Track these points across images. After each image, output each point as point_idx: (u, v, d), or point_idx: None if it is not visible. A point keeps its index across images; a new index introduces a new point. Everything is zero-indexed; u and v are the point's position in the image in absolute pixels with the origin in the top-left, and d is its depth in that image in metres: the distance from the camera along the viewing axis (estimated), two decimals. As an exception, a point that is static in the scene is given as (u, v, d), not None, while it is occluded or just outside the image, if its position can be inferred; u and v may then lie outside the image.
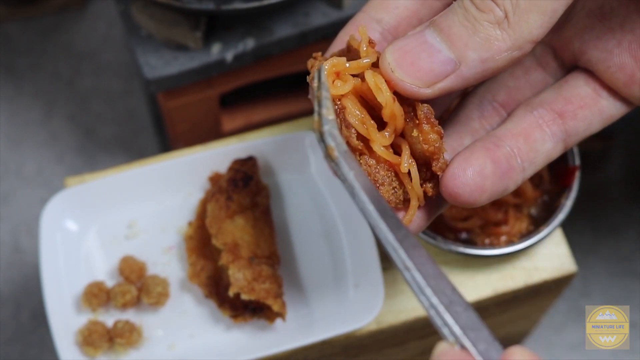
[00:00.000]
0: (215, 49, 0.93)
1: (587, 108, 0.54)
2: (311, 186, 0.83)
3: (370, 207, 0.46)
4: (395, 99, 0.49)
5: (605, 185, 1.22)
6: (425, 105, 0.49)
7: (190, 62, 0.92)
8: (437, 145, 0.49)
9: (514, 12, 0.46)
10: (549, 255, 0.82)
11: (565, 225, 0.82)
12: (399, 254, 0.45)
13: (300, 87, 1.01)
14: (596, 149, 1.21)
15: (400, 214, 0.51)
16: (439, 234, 0.79)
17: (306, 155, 0.83)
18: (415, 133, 0.49)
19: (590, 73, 0.55)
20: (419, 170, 0.51)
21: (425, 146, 0.49)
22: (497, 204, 0.82)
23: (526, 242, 0.79)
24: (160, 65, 0.92)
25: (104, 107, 1.27)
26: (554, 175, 0.83)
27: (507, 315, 0.90)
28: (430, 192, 0.51)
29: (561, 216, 0.80)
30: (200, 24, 0.91)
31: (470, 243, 0.81)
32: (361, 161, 0.50)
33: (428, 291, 0.44)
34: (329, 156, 0.48)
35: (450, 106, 0.60)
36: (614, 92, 0.54)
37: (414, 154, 0.50)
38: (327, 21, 0.94)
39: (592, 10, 0.54)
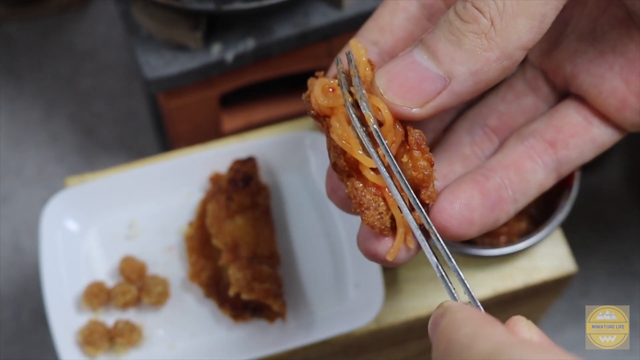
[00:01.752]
0: (216, 49, 0.93)
1: (578, 136, 0.53)
2: (311, 186, 0.83)
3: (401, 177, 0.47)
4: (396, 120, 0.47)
5: (605, 185, 1.23)
6: (417, 131, 0.48)
7: (190, 62, 0.92)
8: (426, 172, 0.47)
9: (500, 18, 0.44)
10: (549, 255, 0.82)
11: (565, 225, 0.82)
12: (423, 218, 0.47)
13: (300, 87, 1.01)
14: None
15: (386, 241, 0.49)
16: (439, 234, 0.79)
17: (306, 155, 0.83)
18: (405, 159, 0.47)
19: (582, 100, 0.54)
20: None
21: (415, 173, 0.47)
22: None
23: (526, 242, 0.79)
24: (161, 65, 0.92)
25: (104, 107, 1.27)
26: (553, 175, 0.83)
27: (507, 315, 0.90)
28: (418, 220, 0.49)
29: (561, 216, 0.80)
30: (201, 24, 0.91)
31: (470, 243, 0.81)
32: (348, 183, 0.48)
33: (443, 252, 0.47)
34: (365, 124, 0.47)
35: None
36: (605, 119, 0.53)
37: None
38: (327, 21, 0.94)
39: (584, 34, 0.53)
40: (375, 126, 0.47)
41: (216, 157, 0.83)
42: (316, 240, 0.82)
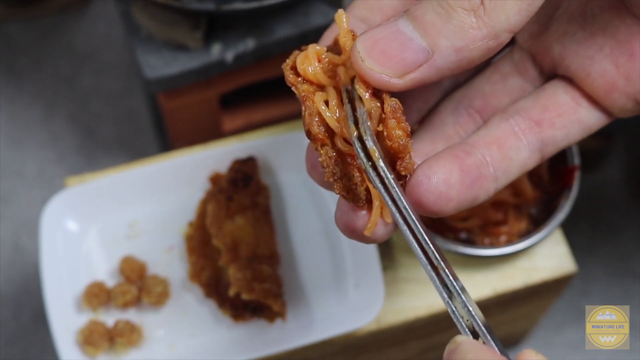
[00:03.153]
0: (216, 49, 0.93)
1: (565, 116, 0.52)
2: (311, 186, 0.83)
3: (403, 205, 0.46)
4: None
5: (605, 185, 1.23)
6: (394, 99, 0.47)
7: (190, 62, 0.92)
8: (402, 142, 0.46)
9: None
10: (549, 255, 0.82)
11: (565, 225, 0.82)
12: (431, 253, 0.45)
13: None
14: (596, 148, 1.21)
15: (364, 216, 0.48)
16: (439, 234, 0.80)
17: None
18: (380, 128, 0.46)
19: (570, 81, 0.53)
20: None
21: (390, 142, 0.46)
22: (497, 204, 0.82)
23: (526, 242, 0.79)
24: (161, 65, 0.92)
25: (105, 107, 1.27)
26: (553, 175, 0.83)
27: (507, 315, 0.90)
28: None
29: (561, 216, 0.80)
30: (201, 24, 0.91)
31: (469, 243, 0.81)
32: (322, 152, 0.47)
33: (450, 284, 0.44)
34: (370, 159, 0.46)
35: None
36: (594, 101, 0.52)
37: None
38: (327, 21, 0.94)
39: (574, 16, 0.52)
40: (381, 162, 0.46)
41: (216, 157, 0.83)
42: (316, 240, 0.81)
